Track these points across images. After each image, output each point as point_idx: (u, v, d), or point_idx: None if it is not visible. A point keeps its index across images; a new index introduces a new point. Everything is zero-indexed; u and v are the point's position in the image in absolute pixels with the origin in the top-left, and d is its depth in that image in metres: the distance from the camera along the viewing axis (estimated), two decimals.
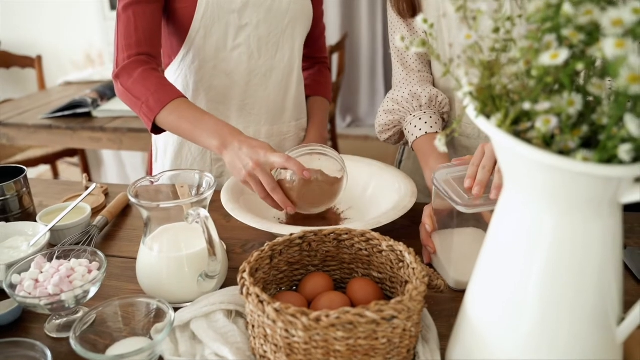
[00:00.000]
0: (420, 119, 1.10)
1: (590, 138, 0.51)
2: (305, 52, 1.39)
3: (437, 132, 1.07)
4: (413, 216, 1.07)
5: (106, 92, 2.44)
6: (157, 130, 1.12)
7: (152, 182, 0.87)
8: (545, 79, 0.48)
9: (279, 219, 1.09)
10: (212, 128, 1.03)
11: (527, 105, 0.48)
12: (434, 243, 0.91)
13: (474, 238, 0.86)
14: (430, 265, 0.93)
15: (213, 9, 1.15)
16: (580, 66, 0.45)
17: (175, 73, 1.25)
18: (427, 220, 0.92)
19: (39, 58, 3.23)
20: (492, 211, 0.62)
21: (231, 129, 1.03)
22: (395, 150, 1.41)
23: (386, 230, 0.90)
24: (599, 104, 0.50)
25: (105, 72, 3.06)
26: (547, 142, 0.50)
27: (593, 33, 0.47)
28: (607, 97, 0.49)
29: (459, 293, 0.82)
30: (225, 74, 1.23)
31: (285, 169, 0.97)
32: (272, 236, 0.95)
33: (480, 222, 0.86)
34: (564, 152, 0.50)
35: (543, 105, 0.47)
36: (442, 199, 0.83)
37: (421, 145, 1.07)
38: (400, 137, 1.22)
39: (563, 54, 0.45)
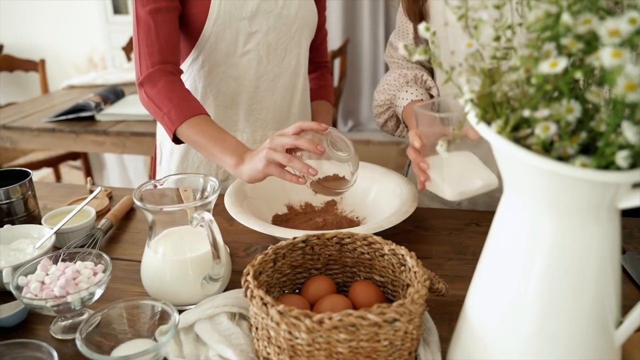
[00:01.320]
0: (406, 91, 1.17)
1: (589, 144, 0.52)
2: (308, 57, 1.41)
3: (422, 99, 1.14)
4: (415, 221, 1.08)
5: (109, 96, 2.45)
6: (178, 140, 1.12)
7: (156, 186, 0.88)
8: (545, 87, 0.49)
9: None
10: (232, 147, 1.04)
11: (526, 113, 0.49)
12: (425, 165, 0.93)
13: (465, 157, 0.92)
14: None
15: (224, 15, 1.17)
16: (578, 74, 0.47)
17: (184, 76, 1.26)
18: (414, 137, 0.92)
19: (42, 62, 3.24)
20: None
21: (249, 149, 1.04)
22: (397, 154, 1.42)
23: (388, 234, 0.91)
24: (597, 111, 0.51)
25: (108, 75, 3.07)
26: (547, 149, 0.51)
27: (591, 42, 0.48)
28: (605, 104, 0.50)
29: (459, 297, 0.83)
30: (234, 79, 1.24)
31: (296, 148, 0.95)
32: (275, 240, 0.96)
33: (469, 145, 0.90)
34: (563, 158, 0.51)
35: (542, 112, 0.48)
36: (429, 123, 0.89)
37: (407, 112, 1.14)
38: (397, 123, 1.25)
39: (562, 63, 0.46)
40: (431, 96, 1.19)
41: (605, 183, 0.49)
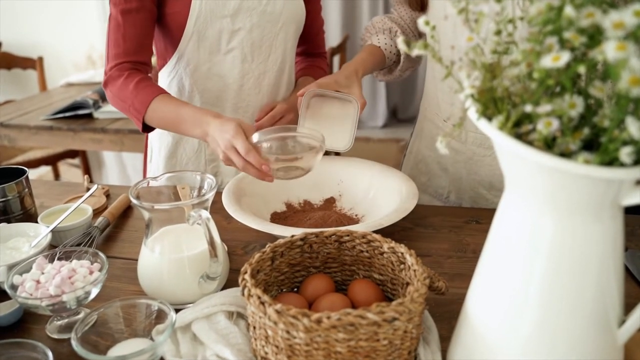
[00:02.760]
0: (377, 36, 1.26)
1: (592, 140, 0.51)
2: (303, 48, 1.40)
3: (379, 47, 1.24)
4: (414, 218, 1.07)
5: None
6: (149, 128, 1.16)
7: (152, 184, 0.87)
8: (547, 82, 0.48)
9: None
10: (191, 118, 1.06)
11: (528, 108, 0.48)
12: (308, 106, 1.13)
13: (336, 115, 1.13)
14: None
15: (206, 13, 1.16)
16: (581, 69, 0.46)
17: (170, 75, 1.26)
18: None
19: (40, 59, 3.23)
20: None
21: (206, 114, 1.05)
22: (396, 151, 1.42)
23: (387, 232, 0.90)
24: (600, 107, 0.50)
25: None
26: (549, 145, 0.50)
27: (595, 36, 0.47)
28: (608, 99, 0.50)
29: (459, 295, 0.82)
30: (219, 77, 1.24)
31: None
32: (274, 238, 0.95)
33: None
34: (565, 155, 0.50)
35: (544, 107, 0.47)
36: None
37: (365, 49, 1.24)
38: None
39: (564, 57, 0.45)
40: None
41: (608, 180, 0.48)
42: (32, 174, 3.30)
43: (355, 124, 1.13)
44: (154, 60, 1.31)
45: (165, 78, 1.28)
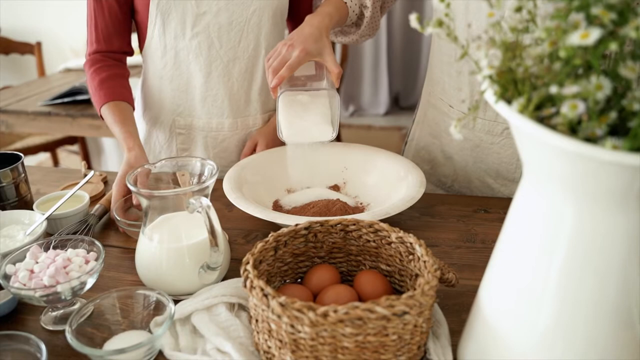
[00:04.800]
0: None
1: (617, 125, 0.48)
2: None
3: (345, 2, 1.14)
4: (421, 207, 1.04)
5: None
6: None
7: (151, 170, 0.84)
8: (573, 61, 0.45)
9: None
10: (118, 139, 1.13)
11: (554, 89, 0.45)
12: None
13: (318, 104, 1.08)
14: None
15: None
16: (613, 46, 0.42)
17: (146, 60, 1.25)
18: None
19: (39, 44, 3.19)
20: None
21: (125, 140, 1.09)
22: (399, 139, 1.38)
23: (392, 221, 0.87)
24: (629, 89, 0.47)
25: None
26: (574, 129, 0.46)
27: (624, 12, 0.44)
28: (637, 81, 0.46)
29: (469, 287, 0.79)
30: (185, 64, 1.20)
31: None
32: (276, 226, 0.93)
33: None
34: (590, 140, 0.47)
35: (571, 89, 0.44)
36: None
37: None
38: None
39: (594, 34, 0.42)
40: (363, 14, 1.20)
41: (637, 167, 0.45)
42: (31, 160, 3.27)
43: (338, 110, 1.08)
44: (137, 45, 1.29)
45: (144, 64, 1.27)
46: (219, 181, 1.01)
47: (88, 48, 1.21)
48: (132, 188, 0.76)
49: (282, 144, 1.21)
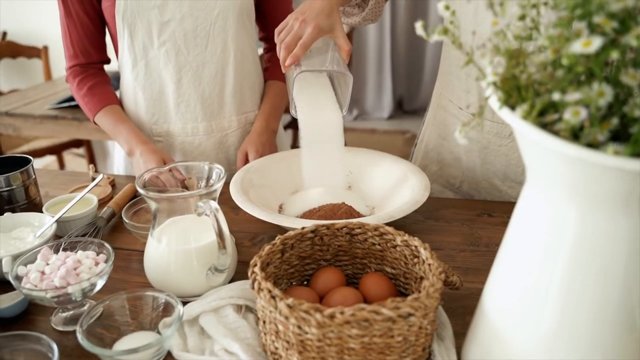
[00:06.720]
0: None
1: (618, 131, 0.49)
2: (265, 35, 1.36)
3: None
4: (425, 210, 1.05)
5: (112, 83, 2.41)
6: None
7: (160, 174, 0.85)
8: (576, 69, 0.46)
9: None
10: (124, 138, 1.22)
11: (556, 96, 0.46)
12: None
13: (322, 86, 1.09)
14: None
15: (132, 7, 1.15)
16: (615, 54, 0.43)
17: (121, 72, 1.28)
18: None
19: (45, 48, 3.21)
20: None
21: (138, 137, 1.20)
22: (403, 143, 1.39)
23: (397, 224, 0.88)
24: (630, 96, 0.48)
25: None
26: (576, 135, 0.47)
27: (626, 20, 0.45)
28: (638, 88, 0.47)
29: (472, 290, 0.80)
30: (156, 72, 1.23)
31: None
32: (282, 229, 0.94)
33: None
34: (592, 145, 0.48)
35: (573, 95, 0.45)
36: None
37: None
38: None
39: (596, 42, 0.43)
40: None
41: (638, 172, 0.46)
42: (37, 163, 3.28)
43: (349, 89, 1.08)
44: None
45: (120, 76, 1.30)
46: (226, 185, 1.02)
47: (67, 62, 1.26)
48: (141, 191, 0.77)
49: (273, 149, 1.24)
